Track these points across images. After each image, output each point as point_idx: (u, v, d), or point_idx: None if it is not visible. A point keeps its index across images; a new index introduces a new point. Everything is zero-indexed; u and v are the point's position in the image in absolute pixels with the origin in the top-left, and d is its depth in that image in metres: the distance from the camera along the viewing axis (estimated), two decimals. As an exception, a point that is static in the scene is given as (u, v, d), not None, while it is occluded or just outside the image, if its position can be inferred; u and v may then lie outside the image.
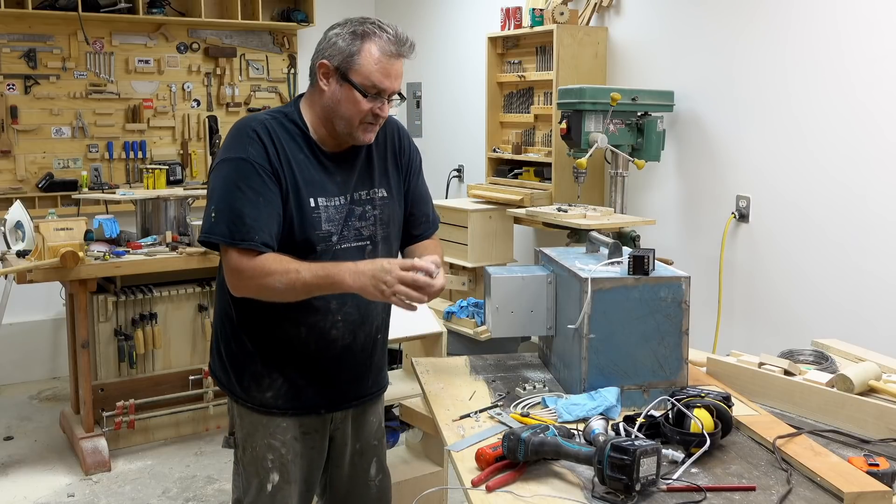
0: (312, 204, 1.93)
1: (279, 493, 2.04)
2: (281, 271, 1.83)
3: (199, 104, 5.50)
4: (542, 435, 1.60)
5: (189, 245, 3.98)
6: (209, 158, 5.51)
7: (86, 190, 4.89)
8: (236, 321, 2.01)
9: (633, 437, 1.66)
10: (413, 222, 2.16)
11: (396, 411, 3.15)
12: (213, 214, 1.88)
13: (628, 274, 1.90)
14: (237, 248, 1.85)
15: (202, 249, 3.89)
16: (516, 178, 4.63)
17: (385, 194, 2.05)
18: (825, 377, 1.92)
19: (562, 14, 4.24)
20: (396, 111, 2.19)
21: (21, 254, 3.75)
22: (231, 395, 2.07)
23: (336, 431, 2.14)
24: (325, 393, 2.06)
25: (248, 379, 2.02)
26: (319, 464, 2.14)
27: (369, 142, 1.97)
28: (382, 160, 2.07)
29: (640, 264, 1.90)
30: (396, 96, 1.95)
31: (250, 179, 1.86)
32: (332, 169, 1.97)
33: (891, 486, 1.52)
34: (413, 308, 1.83)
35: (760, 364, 2.02)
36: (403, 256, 2.18)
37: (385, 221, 2.05)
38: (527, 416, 1.86)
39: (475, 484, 1.55)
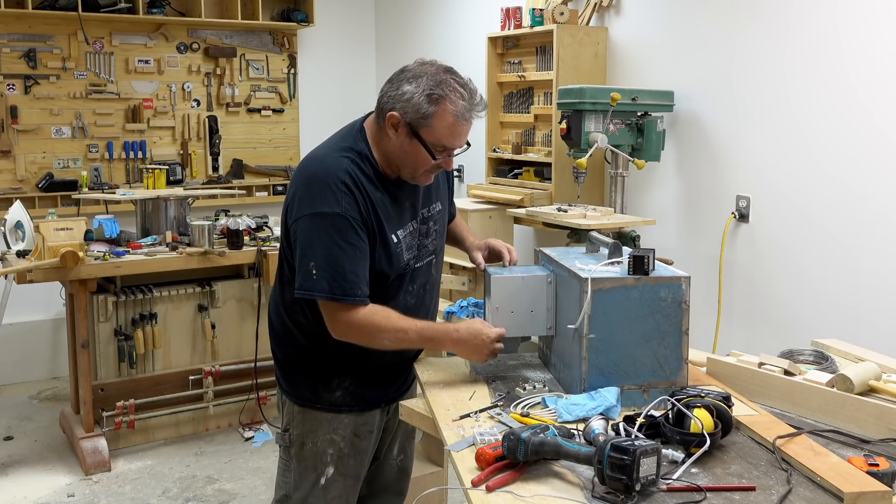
0: (395, 240, 2.02)
1: (332, 485, 2.13)
2: (391, 330, 1.96)
3: (199, 104, 5.50)
4: (542, 435, 1.60)
5: (189, 245, 3.98)
6: (209, 158, 5.52)
7: (86, 190, 4.90)
8: (309, 340, 2.09)
9: (633, 437, 1.65)
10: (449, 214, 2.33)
11: (396, 411, 3.15)
12: (313, 272, 1.91)
13: (628, 274, 1.90)
14: (341, 303, 1.93)
15: (202, 249, 3.89)
16: (516, 178, 4.63)
17: (440, 207, 2.19)
18: (825, 377, 1.92)
19: (562, 14, 4.24)
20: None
21: (21, 254, 3.75)
22: (293, 398, 2.16)
23: (389, 421, 2.27)
24: (386, 391, 2.20)
25: (318, 384, 2.12)
26: (370, 457, 2.23)
27: (428, 183, 2.07)
28: (435, 176, 2.15)
29: (640, 264, 1.90)
30: (463, 147, 2.01)
31: (347, 235, 1.91)
32: (400, 198, 2.05)
33: (891, 486, 1.52)
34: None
35: (760, 364, 2.02)
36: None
37: (441, 232, 2.21)
38: (527, 416, 1.85)
39: (475, 484, 1.55)
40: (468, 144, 2.02)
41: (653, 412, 1.77)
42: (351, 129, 2.06)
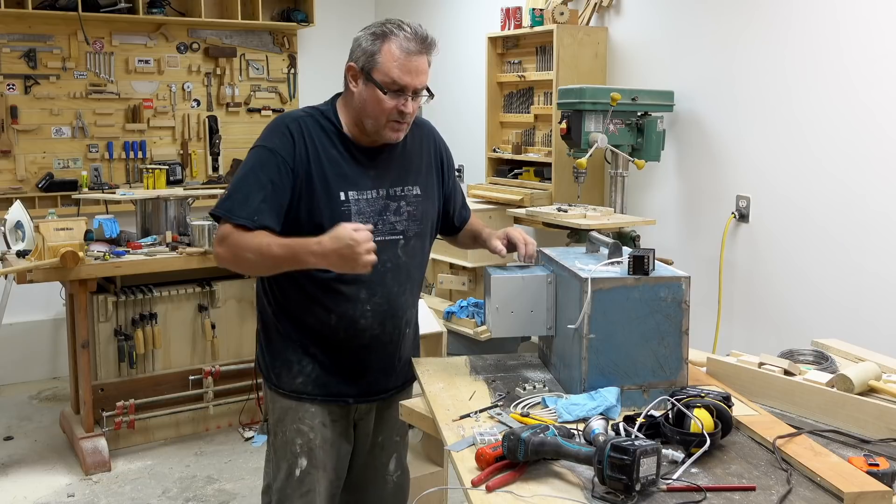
0: (342, 197, 2.01)
1: (307, 477, 2.10)
2: (254, 244, 1.92)
3: (199, 104, 5.50)
4: (542, 435, 1.60)
5: (189, 245, 3.98)
6: (209, 158, 5.52)
7: (86, 190, 4.89)
8: (274, 308, 2.11)
9: (633, 437, 1.65)
10: (454, 213, 2.34)
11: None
12: (226, 192, 2.01)
13: (628, 274, 1.90)
14: (232, 223, 1.95)
15: (202, 249, 3.89)
16: (516, 178, 4.63)
17: (419, 192, 2.14)
18: (825, 377, 1.92)
19: (562, 14, 4.24)
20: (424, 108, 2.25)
21: (21, 254, 3.75)
22: (266, 381, 2.17)
23: (360, 422, 2.22)
24: (353, 384, 2.14)
25: (281, 364, 2.12)
26: (347, 451, 2.20)
27: (397, 140, 2.05)
28: (419, 160, 2.17)
29: (640, 264, 1.90)
30: (424, 93, 2.01)
31: (267, 167, 1.96)
32: (366, 163, 2.06)
33: (891, 486, 1.52)
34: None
35: (760, 364, 2.02)
36: (462, 240, 2.41)
37: (418, 218, 2.14)
38: (527, 416, 1.85)
39: (475, 484, 1.55)
40: (430, 94, 2.02)
41: (653, 412, 1.77)
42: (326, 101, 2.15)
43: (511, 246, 2.22)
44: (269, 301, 2.13)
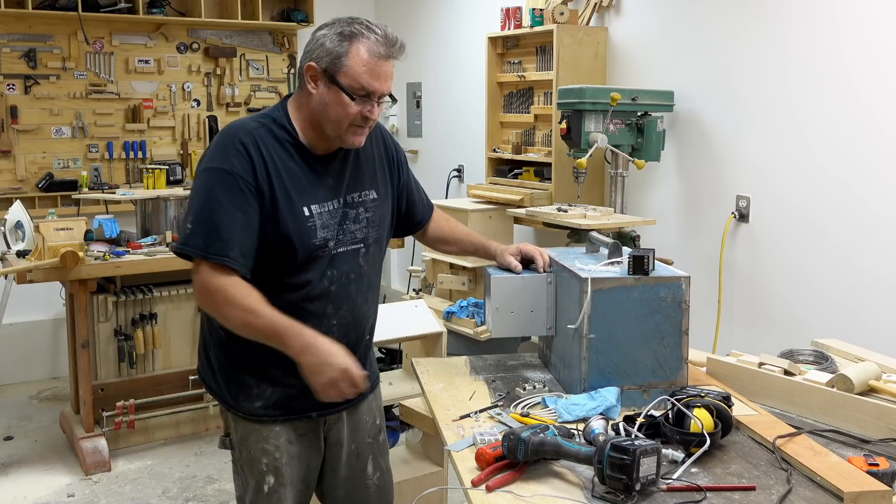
0: (307, 213, 1.89)
1: (275, 494, 2.03)
2: (242, 306, 1.81)
3: (199, 104, 5.50)
4: (542, 435, 1.60)
5: (189, 245, 3.97)
6: (209, 158, 5.52)
7: (86, 190, 4.89)
8: (226, 335, 1.96)
9: (633, 436, 1.65)
10: (415, 210, 2.21)
11: (396, 411, 3.14)
12: (189, 226, 1.83)
13: (628, 274, 1.90)
14: (209, 262, 1.82)
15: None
16: (516, 178, 4.63)
17: (375, 196, 2.03)
18: (825, 377, 1.92)
19: (562, 14, 4.24)
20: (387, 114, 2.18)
21: (21, 254, 3.75)
22: (222, 403, 2.05)
23: (329, 433, 2.11)
24: (313, 400, 1.93)
25: (237, 388, 1.99)
26: (317, 462, 2.12)
27: (359, 145, 1.93)
28: (371, 162, 2.05)
29: (640, 264, 1.90)
30: (387, 98, 1.90)
31: (231, 193, 1.81)
32: (322, 172, 1.93)
33: (891, 486, 1.52)
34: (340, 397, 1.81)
35: (760, 364, 2.02)
36: (430, 240, 2.28)
37: (376, 223, 2.03)
38: (527, 416, 1.86)
39: (475, 484, 1.55)
40: (393, 99, 1.92)
41: (653, 412, 1.77)
42: (272, 106, 2.00)
43: (526, 261, 2.17)
44: (217, 325, 1.98)
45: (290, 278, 1.90)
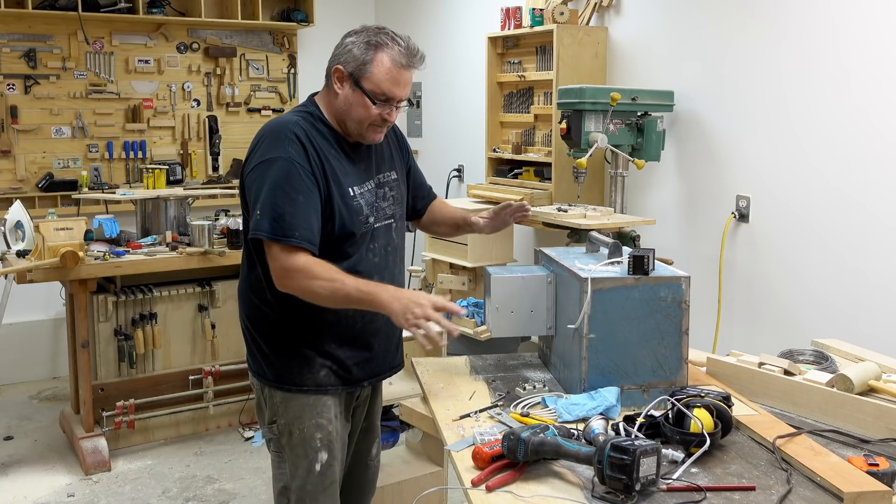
0: (352, 193, 2.07)
1: (328, 470, 2.14)
2: (326, 278, 1.94)
3: (199, 104, 5.50)
4: (542, 435, 1.60)
5: (189, 245, 3.98)
6: (209, 158, 5.52)
7: (86, 190, 4.89)
8: (279, 313, 2.10)
9: (633, 436, 1.65)
10: (420, 195, 2.43)
11: (396, 411, 3.15)
12: (258, 213, 1.97)
13: (628, 274, 1.90)
14: (279, 244, 1.95)
15: (202, 249, 3.89)
16: (516, 178, 4.63)
17: (395, 176, 2.24)
18: (825, 377, 1.92)
19: (562, 14, 4.24)
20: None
21: (21, 254, 3.75)
22: (274, 384, 2.14)
23: (357, 408, 2.27)
24: (367, 367, 2.18)
25: (300, 363, 2.11)
26: (346, 438, 2.25)
27: (377, 142, 2.14)
28: (388, 147, 2.26)
29: (640, 264, 1.90)
30: (404, 102, 2.11)
31: (292, 179, 1.97)
32: (355, 158, 2.12)
33: (891, 486, 1.52)
34: (428, 344, 1.88)
35: (760, 364, 2.02)
36: (426, 223, 2.49)
37: (399, 201, 2.24)
38: (527, 416, 1.86)
39: (475, 484, 1.55)
40: (411, 103, 2.09)
41: (653, 412, 1.77)
42: (302, 103, 2.19)
43: (497, 217, 2.36)
44: (270, 303, 2.11)
45: (341, 252, 2.06)
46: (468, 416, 1.88)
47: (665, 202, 4.06)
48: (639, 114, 3.82)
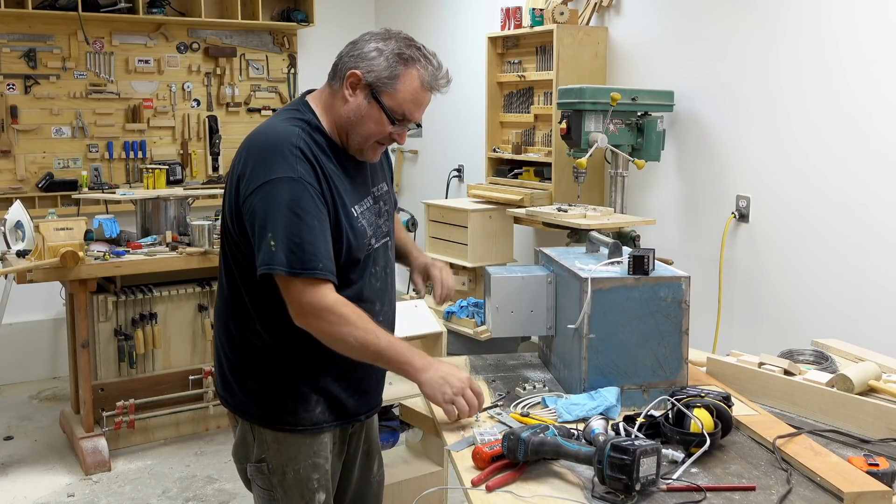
0: (355, 213, 1.86)
1: None
2: (361, 328, 1.75)
3: (199, 104, 5.50)
4: (542, 435, 1.60)
5: (189, 245, 3.98)
6: (209, 158, 5.52)
7: (86, 190, 4.89)
8: (271, 346, 1.89)
9: (633, 436, 1.65)
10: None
11: (396, 411, 3.14)
12: (272, 243, 1.72)
13: (628, 274, 1.90)
14: (301, 279, 1.73)
15: (202, 249, 3.89)
16: (516, 178, 4.63)
17: (386, 188, 2.05)
18: (825, 377, 1.92)
19: (562, 14, 4.24)
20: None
21: (21, 254, 3.75)
22: (268, 426, 1.93)
23: (353, 435, 2.10)
24: (364, 400, 2.01)
25: (294, 402, 1.91)
26: (339, 468, 2.10)
27: (374, 160, 1.94)
28: None
29: (640, 264, 1.90)
30: (414, 124, 1.92)
31: (304, 202, 1.74)
32: (352, 171, 1.90)
33: (891, 486, 1.52)
34: (455, 420, 1.81)
35: (760, 364, 2.02)
36: None
37: (391, 214, 2.06)
38: (527, 416, 1.85)
39: (475, 484, 1.55)
40: (419, 126, 1.95)
41: (653, 412, 1.77)
42: (293, 105, 1.93)
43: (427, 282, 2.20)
44: (259, 334, 1.89)
45: (345, 280, 1.85)
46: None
47: (665, 202, 4.06)
48: (639, 114, 3.83)
